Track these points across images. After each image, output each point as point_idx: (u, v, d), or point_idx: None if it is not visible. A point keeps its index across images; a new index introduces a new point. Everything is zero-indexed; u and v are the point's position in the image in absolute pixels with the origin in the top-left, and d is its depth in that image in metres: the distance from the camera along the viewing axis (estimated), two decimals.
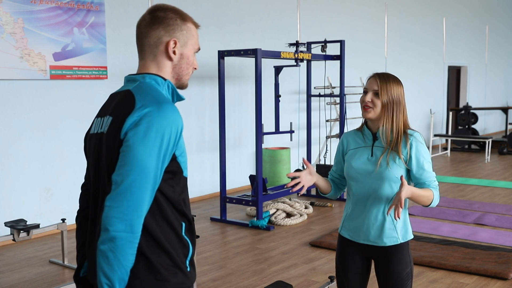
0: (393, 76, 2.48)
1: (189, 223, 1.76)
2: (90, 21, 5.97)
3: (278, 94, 6.65)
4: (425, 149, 2.46)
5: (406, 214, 2.51)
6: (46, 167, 5.76)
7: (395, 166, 2.40)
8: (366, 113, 2.45)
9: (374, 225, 2.46)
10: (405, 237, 2.48)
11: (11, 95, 5.46)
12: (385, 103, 2.42)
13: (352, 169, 2.49)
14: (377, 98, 2.42)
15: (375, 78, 2.46)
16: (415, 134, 2.45)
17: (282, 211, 6.38)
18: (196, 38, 1.82)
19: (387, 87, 2.43)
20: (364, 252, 2.53)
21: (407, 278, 2.49)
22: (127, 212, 1.56)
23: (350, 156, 2.53)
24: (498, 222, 6.03)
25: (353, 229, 2.53)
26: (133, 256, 1.60)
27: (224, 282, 4.39)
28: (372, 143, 2.49)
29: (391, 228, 2.45)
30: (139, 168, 1.57)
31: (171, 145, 1.63)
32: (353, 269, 2.56)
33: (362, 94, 2.50)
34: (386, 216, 2.45)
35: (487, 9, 15.59)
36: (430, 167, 2.45)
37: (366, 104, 2.44)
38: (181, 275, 1.70)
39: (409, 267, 2.49)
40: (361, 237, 2.50)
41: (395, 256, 2.47)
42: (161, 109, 1.62)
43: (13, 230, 4.36)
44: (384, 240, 2.46)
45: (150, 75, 1.75)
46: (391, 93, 2.42)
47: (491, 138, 10.97)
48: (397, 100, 2.43)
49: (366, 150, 2.49)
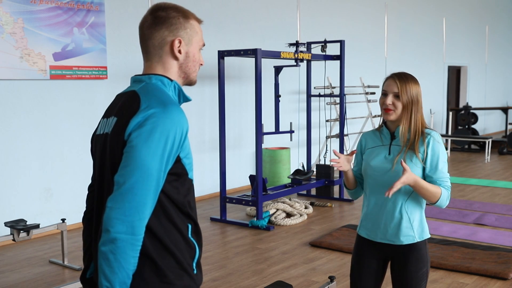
0: (410, 75, 2.49)
1: (195, 225, 1.75)
2: (90, 21, 5.97)
3: (278, 94, 6.64)
4: (442, 148, 2.46)
5: (422, 214, 2.52)
6: (46, 167, 5.76)
7: (411, 165, 2.41)
8: (387, 116, 2.46)
9: (391, 223, 2.47)
10: (421, 236, 2.49)
11: (11, 95, 5.46)
12: (406, 104, 2.43)
13: (369, 167, 2.52)
14: (398, 100, 2.44)
15: (394, 79, 2.46)
16: (432, 133, 2.46)
17: (282, 211, 6.38)
18: (200, 34, 1.80)
19: (406, 88, 2.44)
20: (381, 251, 2.55)
21: (422, 278, 2.49)
22: (128, 213, 1.54)
23: (368, 155, 2.56)
24: (498, 222, 6.03)
25: (371, 228, 2.55)
26: (135, 259, 1.58)
27: (224, 282, 4.39)
28: (390, 142, 2.51)
29: (408, 226, 2.46)
30: (141, 170, 1.56)
31: (176, 147, 1.61)
32: (368, 269, 2.57)
33: (380, 97, 2.50)
34: (403, 214, 2.46)
35: (487, 9, 15.59)
36: (445, 168, 2.45)
37: (387, 107, 2.45)
38: (187, 278, 1.69)
39: (425, 268, 2.50)
40: (379, 236, 2.52)
41: (412, 255, 2.47)
42: (166, 111, 1.61)
43: (13, 230, 4.36)
44: (401, 239, 2.47)
45: (156, 75, 1.74)
46: (411, 93, 2.44)
47: (491, 138, 10.97)
48: (416, 99, 2.45)
49: (383, 149, 2.51)
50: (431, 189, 2.37)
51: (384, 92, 2.48)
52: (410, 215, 2.47)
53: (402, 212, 2.46)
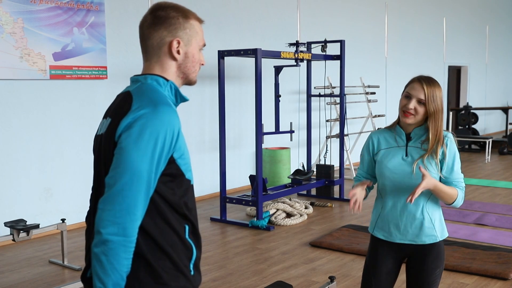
0: (436, 81, 2.43)
1: (193, 226, 1.74)
2: (90, 21, 5.97)
3: (278, 94, 6.64)
4: (457, 150, 2.47)
5: (441, 213, 2.54)
6: (46, 167, 5.75)
7: (431, 168, 2.41)
8: (406, 119, 2.41)
9: (413, 224, 2.47)
10: (442, 234, 2.52)
11: (11, 95, 5.45)
12: (432, 112, 2.39)
13: (387, 169, 2.47)
14: (421, 106, 2.38)
15: (421, 84, 2.39)
16: (449, 135, 2.46)
17: (282, 211, 6.38)
18: (201, 34, 1.78)
19: (433, 96, 2.38)
20: (398, 251, 2.54)
21: (437, 277, 2.51)
22: (119, 215, 1.54)
23: (383, 156, 2.51)
24: (498, 222, 6.02)
25: (388, 229, 2.53)
26: (128, 260, 1.57)
27: (224, 282, 4.38)
28: (406, 143, 2.47)
29: (430, 227, 2.48)
30: (131, 171, 1.55)
31: (167, 148, 1.60)
32: (383, 270, 2.56)
33: (402, 97, 2.43)
34: (425, 215, 2.46)
35: (487, 9, 15.58)
36: (459, 168, 2.46)
37: (408, 111, 2.39)
38: (183, 279, 1.68)
39: (441, 266, 2.52)
40: (398, 237, 2.51)
41: (431, 253, 2.49)
42: (156, 111, 1.59)
43: (13, 230, 4.36)
44: (423, 239, 2.48)
45: (152, 76, 1.73)
46: (437, 102, 2.39)
47: (491, 138, 10.96)
48: (441, 107, 2.41)
49: (399, 150, 2.47)
50: (449, 192, 2.40)
51: (407, 95, 2.41)
52: (431, 215, 2.48)
53: (423, 213, 2.46)
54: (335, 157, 9.15)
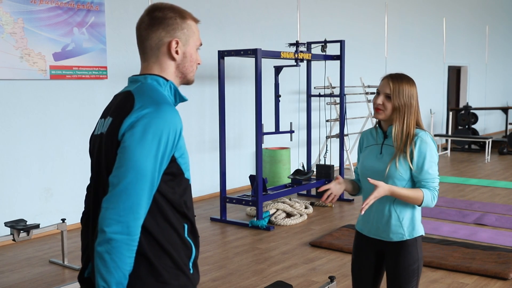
0: (406, 77, 2.50)
1: (192, 225, 1.75)
2: (90, 21, 5.97)
3: (278, 94, 6.64)
4: (430, 149, 2.46)
5: (414, 212, 2.55)
6: (46, 167, 5.76)
7: (400, 165, 2.46)
8: (377, 115, 2.51)
9: (382, 220, 2.55)
10: (411, 234, 2.53)
11: (11, 95, 5.45)
12: (397, 107, 2.46)
13: (363, 166, 2.59)
14: (389, 101, 2.47)
15: (388, 80, 2.50)
16: (420, 134, 2.48)
17: (282, 211, 6.38)
18: (197, 34, 1.80)
19: (399, 91, 2.46)
20: (375, 246, 2.62)
21: (413, 274, 2.54)
22: (123, 214, 1.55)
23: (363, 154, 2.63)
24: (498, 222, 6.03)
25: (365, 224, 2.63)
26: (131, 259, 1.58)
27: (224, 282, 4.39)
28: (382, 141, 2.56)
29: (397, 224, 2.52)
30: (135, 170, 1.56)
31: (169, 147, 1.62)
32: (367, 263, 2.65)
33: (375, 95, 2.54)
34: (392, 212, 2.52)
35: (487, 9, 15.58)
36: (432, 167, 2.46)
37: (377, 106, 2.49)
38: (184, 278, 1.69)
39: (416, 264, 2.54)
40: (372, 232, 2.60)
41: (402, 251, 2.53)
42: (159, 110, 1.61)
43: (13, 230, 4.36)
44: (390, 236, 2.54)
45: (152, 75, 1.74)
46: (403, 97, 2.46)
47: (491, 138, 10.96)
48: (409, 103, 2.47)
49: (376, 147, 2.58)
50: (411, 195, 2.43)
51: (377, 91, 2.52)
52: (399, 213, 2.52)
53: (391, 210, 2.53)
54: (335, 157, 9.16)
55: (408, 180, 2.48)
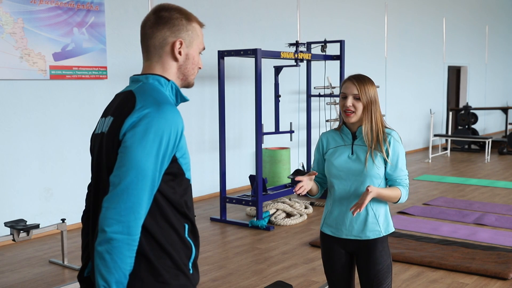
0: (367, 77, 2.58)
1: (192, 225, 1.75)
2: (90, 21, 5.97)
3: (278, 94, 6.64)
4: (401, 147, 2.57)
5: (387, 209, 2.63)
6: (46, 167, 5.76)
7: (377, 163, 2.52)
8: (348, 118, 2.54)
9: (358, 220, 2.57)
10: (387, 230, 2.60)
11: (11, 95, 5.46)
12: (366, 105, 2.51)
13: (333, 167, 2.59)
14: (358, 101, 2.52)
15: (352, 81, 2.54)
16: (392, 133, 2.57)
17: (282, 211, 6.38)
18: (201, 37, 1.81)
19: (365, 89, 2.52)
20: (347, 247, 2.63)
21: (387, 270, 2.59)
22: (124, 213, 1.55)
23: (330, 155, 2.63)
24: (498, 222, 6.03)
25: (335, 225, 2.63)
26: (132, 259, 1.58)
27: (224, 282, 4.39)
28: (352, 141, 2.59)
29: (374, 222, 2.57)
30: (136, 170, 1.56)
31: (171, 147, 1.62)
32: (339, 264, 2.66)
33: (340, 99, 2.57)
34: (368, 211, 2.56)
35: (487, 9, 15.59)
36: (404, 165, 2.58)
37: (347, 109, 2.52)
38: (183, 278, 1.69)
39: (388, 260, 2.60)
40: (344, 233, 2.61)
41: (376, 249, 2.57)
42: (161, 110, 1.61)
43: (13, 230, 4.36)
44: (367, 234, 2.57)
45: (153, 75, 1.75)
46: (369, 94, 2.53)
47: (491, 138, 10.96)
48: (374, 99, 2.55)
49: (346, 148, 2.59)
50: (392, 194, 2.52)
51: (343, 95, 2.55)
52: (375, 211, 2.57)
53: (368, 208, 2.56)
54: None
55: (382, 177, 2.56)
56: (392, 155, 2.53)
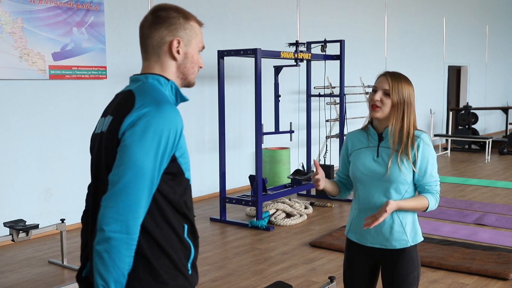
0: (404, 76, 2.41)
1: (192, 225, 1.75)
2: (89, 21, 5.96)
3: (278, 94, 6.63)
4: (432, 151, 2.39)
5: (415, 217, 2.46)
6: (45, 167, 5.75)
7: (404, 168, 2.35)
8: (374, 112, 2.37)
9: (383, 227, 2.41)
10: (414, 239, 2.44)
11: (10, 95, 5.45)
12: (396, 103, 2.35)
13: (358, 170, 2.43)
14: (387, 97, 2.35)
15: (386, 76, 2.38)
16: (422, 136, 2.38)
17: (282, 211, 6.37)
18: (200, 36, 1.81)
19: (398, 87, 2.35)
20: (372, 255, 2.49)
21: (413, 282, 2.44)
22: (122, 212, 1.54)
23: (354, 157, 2.47)
24: (498, 222, 6.02)
25: (360, 232, 2.48)
26: (130, 258, 1.58)
27: (224, 283, 4.38)
28: (378, 143, 2.42)
29: (401, 231, 2.40)
30: (135, 169, 1.56)
31: (170, 146, 1.61)
32: (360, 274, 2.52)
33: (370, 93, 2.42)
34: (394, 219, 2.40)
35: (487, 9, 15.58)
36: (434, 171, 2.39)
37: (374, 103, 2.36)
38: (182, 278, 1.69)
39: (416, 271, 2.45)
40: (369, 240, 2.46)
41: (403, 259, 2.42)
42: (160, 109, 1.61)
43: (12, 230, 4.36)
44: (393, 243, 2.42)
45: (153, 75, 1.74)
46: (403, 93, 2.35)
47: (491, 138, 10.96)
48: (408, 100, 2.37)
49: (371, 150, 2.43)
50: (417, 205, 2.36)
51: (374, 89, 2.40)
52: (402, 219, 2.40)
53: (393, 216, 2.40)
54: (335, 157, 9.15)
55: (410, 183, 2.38)
56: (421, 161, 2.35)
